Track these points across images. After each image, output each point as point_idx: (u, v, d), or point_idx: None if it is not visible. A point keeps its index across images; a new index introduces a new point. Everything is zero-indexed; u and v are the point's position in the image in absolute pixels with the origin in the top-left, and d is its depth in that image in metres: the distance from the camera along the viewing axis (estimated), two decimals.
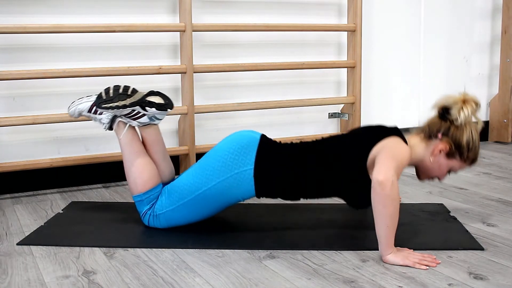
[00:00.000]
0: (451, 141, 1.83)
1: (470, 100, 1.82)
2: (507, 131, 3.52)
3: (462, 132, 1.83)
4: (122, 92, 1.92)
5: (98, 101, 1.93)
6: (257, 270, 1.62)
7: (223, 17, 2.82)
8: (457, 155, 1.85)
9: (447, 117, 1.84)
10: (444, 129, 1.84)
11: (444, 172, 1.89)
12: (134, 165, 1.93)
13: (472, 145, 1.84)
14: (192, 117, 2.66)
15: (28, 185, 2.51)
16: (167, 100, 1.97)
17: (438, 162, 1.86)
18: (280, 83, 3.03)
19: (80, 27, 2.43)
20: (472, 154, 1.86)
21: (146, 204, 1.92)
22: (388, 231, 1.65)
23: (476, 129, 1.86)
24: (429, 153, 1.85)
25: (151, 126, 1.99)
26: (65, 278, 1.58)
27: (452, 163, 1.87)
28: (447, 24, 3.45)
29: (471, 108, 1.81)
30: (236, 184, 1.84)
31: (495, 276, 1.56)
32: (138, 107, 1.92)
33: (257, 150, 1.86)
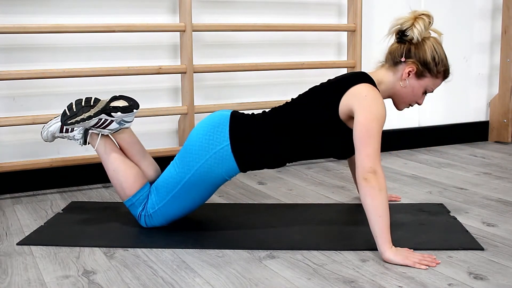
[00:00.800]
0: (416, 60, 1.84)
1: (421, 15, 1.84)
2: (507, 131, 3.52)
3: (423, 48, 1.84)
4: (84, 104, 1.93)
5: (63, 118, 1.93)
6: (257, 270, 1.62)
7: (223, 17, 2.82)
8: (427, 72, 1.86)
9: (404, 39, 1.85)
10: (405, 51, 1.85)
11: (420, 94, 1.91)
12: (117, 171, 1.94)
13: (438, 58, 1.86)
14: (192, 117, 2.66)
15: (28, 185, 2.51)
16: (131, 101, 1.97)
17: (411, 85, 1.87)
18: (280, 83, 3.03)
19: (80, 27, 2.43)
20: (441, 66, 1.88)
21: (138, 206, 1.92)
22: (381, 223, 1.65)
23: (437, 41, 1.87)
24: (398, 79, 1.87)
25: (123, 131, 1.99)
26: (65, 278, 1.58)
27: (424, 82, 1.88)
28: (447, 24, 3.45)
29: (423, 22, 1.83)
30: (218, 163, 1.84)
31: (495, 276, 1.56)
32: (104, 115, 1.92)
33: (229, 125, 1.86)
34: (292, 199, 2.35)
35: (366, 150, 1.69)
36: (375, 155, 1.69)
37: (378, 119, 1.73)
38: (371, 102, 1.76)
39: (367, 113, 1.74)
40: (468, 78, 3.58)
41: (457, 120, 3.56)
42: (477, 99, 3.64)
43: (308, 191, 2.46)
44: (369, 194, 1.65)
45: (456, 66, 3.50)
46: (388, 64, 1.91)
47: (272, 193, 2.43)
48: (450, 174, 2.74)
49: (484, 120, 3.64)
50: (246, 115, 1.94)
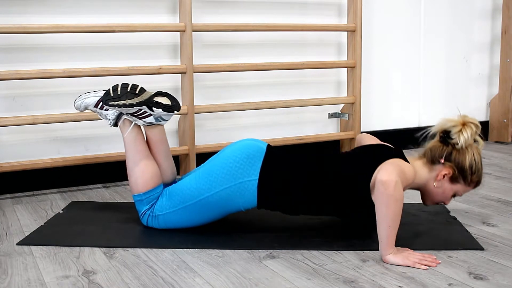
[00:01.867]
0: (454, 165, 1.81)
1: (469, 123, 1.80)
2: (507, 131, 3.52)
3: (464, 155, 1.81)
4: (130, 90, 1.92)
5: (105, 98, 1.92)
6: (257, 270, 1.62)
7: (223, 17, 2.82)
8: (461, 179, 1.83)
9: (448, 141, 1.82)
10: (446, 154, 1.82)
11: (449, 197, 1.87)
12: (137, 164, 1.93)
13: (475, 168, 1.82)
14: (192, 117, 2.66)
15: (28, 185, 2.51)
16: (174, 101, 1.97)
17: (443, 187, 1.84)
18: (280, 83, 3.03)
19: (80, 27, 2.43)
20: (476, 177, 1.84)
21: (145, 204, 1.92)
22: (389, 232, 1.65)
23: (478, 151, 1.84)
24: (432, 178, 1.84)
25: (156, 126, 1.99)
26: (65, 278, 1.58)
27: (456, 187, 1.84)
28: (447, 24, 3.45)
29: (471, 130, 1.79)
30: (239, 194, 1.84)
31: (495, 276, 1.56)
32: (145, 107, 1.92)
33: (262, 161, 1.85)
34: None
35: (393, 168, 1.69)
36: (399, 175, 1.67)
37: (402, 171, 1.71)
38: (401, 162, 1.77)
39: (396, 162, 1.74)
40: (468, 78, 3.58)
41: None
42: (477, 99, 3.64)
43: None
44: (385, 201, 1.64)
45: (456, 66, 3.53)
46: (426, 159, 1.87)
47: None
48: None
49: (484, 120, 3.64)
50: (282, 154, 1.91)
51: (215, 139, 2.86)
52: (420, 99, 3.46)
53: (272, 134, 3.01)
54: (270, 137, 2.92)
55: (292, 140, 2.95)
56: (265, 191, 1.83)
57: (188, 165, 2.68)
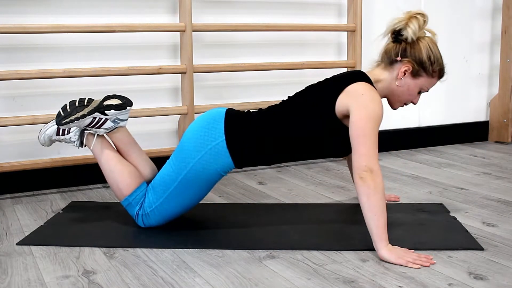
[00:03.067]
0: (412, 59, 1.85)
1: (415, 15, 1.86)
2: (507, 131, 3.52)
3: (419, 47, 1.86)
4: (78, 104, 1.93)
5: (57, 119, 1.93)
6: (257, 270, 1.62)
7: (223, 17, 2.82)
8: (422, 72, 1.87)
9: (400, 39, 1.87)
10: (401, 51, 1.86)
11: (415, 93, 1.91)
12: (112, 171, 1.94)
13: (434, 57, 1.86)
14: (192, 117, 2.66)
15: (28, 185, 2.51)
16: (124, 99, 1.98)
17: (406, 84, 1.88)
18: (280, 83, 3.03)
19: (80, 27, 2.43)
20: (437, 66, 1.88)
21: (135, 205, 1.92)
22: (376, 221, 1.65)
23: (433, 41, 1.88)
24: (394, 79, 1.88)
25: (119, 130, 2.00)
26: (65, 278, 1.58)
27: (420, 81, 1.89)
28: (447, 24, 3.45)
29: (418, 21, 1.85)
30: (213, 159, 1.84)
31: (495, 276, 1.56)
32: (97, 113, 1.92)
33: (224, 121, 1.87)
34: (292, 199, 2.35)
35: (362, 149, 1.70)
36: (371, 154, 1.69)
37: (374, 118, 1.73)
38: (368, 101, 1.77)
39: (363, 112, 1.74)
40: (468, 78, 3.58)
41: (457, 120, 3.56)
42: (477, 99, 3.64)
43: (308, 191, 2.46)
44: (365, 193, 1.66)
45: (456, 66, 3.53)
46: (384, 64, 1.92)
47: (272, 193, 2.43)
48: (450, 174, 2.74)
49: (484, 120, 3.64)
50: (241, 112, 1.95)
51: None
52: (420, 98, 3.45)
53: None
54: None
55: None
56: (236, 149, 1.85)
57: None
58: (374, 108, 1.75)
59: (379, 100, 1.79)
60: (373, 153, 1.69)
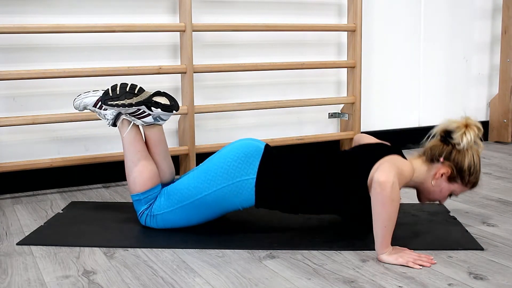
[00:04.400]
0: (453, 165, 1.82)
1: (472, 125, 1.82)
2: (507, 131, 3.52)
3: (464, 156, 1.82)
4: (129, 90, 1.92)
5: (104, 97, 1.93)
6: (257, 270, 1.62)
7: (223, 17, 2.82)
8: (459, 179, 1.84)
9: (449, 141, 1.83)
10: (446, 153, 1.83)
11: (445, 196, 1.88)
12: (135, 164, 1.94)
13: (474, 169, 1.83)
14: (192, 117, 2.66)
15: (28, 185, 2.51)
16: (173, 101, 1.97)
17: (440, 186, 1.85)
18: (280, 83, 3.03)
19: (80, 27, 2.43)
20: (473, 178, 1.85)
21: (144, 204, 1.92)
22: (385, 231, 1.65)
23: (478, 153, 1.85)
24: (430, 176, 1.84)
25: (155, 126, 1.99)
26: (65, 278, 1.58)
27: (453, 187, 1.86)
28: (447, 24, 3.45)
29: (474, 133, 1.81)
30: (237, 192, 1.84)
31: (495, 276, 1.56)
32: (144, 107, 1.92)
33: (260, 160, 1.85)
34: None
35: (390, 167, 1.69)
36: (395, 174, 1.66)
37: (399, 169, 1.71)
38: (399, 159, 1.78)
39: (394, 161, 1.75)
40: (468, 78, 3.58)
41: None
42: (477, 99, 3.64)
43: None
44: (381, 201, 1.64)
45: (456, 66, 3.53)
46: (425, 158, 1.88)
47: None
48: None
49: (484, 120, 3.64)
50: (279, 154, 1.91)
51: (215, 139, 2.86)
52: (420, 99, 3.46)
53: (272, 134, 3.00)
54: (270, 137, 2.92)
55: (292, 140, 2.95)
56: (262, 190, 1.83)
57: (188, 165, 2.68)
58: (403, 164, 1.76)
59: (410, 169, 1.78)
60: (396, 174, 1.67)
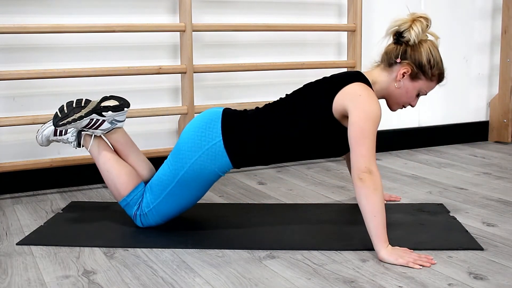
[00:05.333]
0: (411, 62, 1.85)
1: (418, 17, 1.85)
2: (507, 131, 3.52)
3: (419, 50, 1.85)
4: (75, 105, 1.94)
5: (55, 120, 1.93)
6: (257, 270, 1.62)
7: (223, 17, 2.82)
8: (421, 75, 1.86)
9: (401, 40, 1.86)
10: (401, 53, 1.85)
11: (413, 96, 1.91)
12: (110, 172, 1.94)
13: (434, 61, 1.85)
14: (192, 117, 2.66)
15: (28, 185, 2.51)
16: (122, 100, 1.98)
17: (405, 87, 1.87)
18: (280, 83, 3.03)
19: (80, 27, 2.43)
20: (436, 70, 1.87)
21: (133, 205, 1.92)
22: (376, 221, 1.65)
23: (434, 45, 1.87)
24: (393, 80, 1.87)
25: (116, 131, 2.00)
26: (65, 278, 1.58)
27: (418, 84, 1.88)
28: (447, 24, 3.45)
29: (421, 24, 1.83)
30: (211, 160, 1.84)
31: (495, 276, 1.56)
32: (95, 115, 1.93)
33: (221, 121, 1.86)
34: (292, 199, 2.35)
35: (361, 150, 1.70)
36: (370, 155, 1.69)
37: (373, 118, 1.73)
38: (366, 101, 1.77)
39: (362, 113, 1.74)
40: (468, 78, 3.58)
41: (457, 120, 3.56)
42: (477, 99, 3.64)
43: (308, 191, 2.46)
44: (364, 194, 1.66)
45: (456, 66, 3.53)
46: (383, 65, 1.91)
47: (272, 193, 2.43)
48: (450, 174, 2.74)
49: (484, 120, 3.64)
50: (238, 111, 1.94)
51: None
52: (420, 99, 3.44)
53: None
54: None
55: None
56: (233, 149, 1.84)
57: None
58: (372, 109, 1.75)
59: (376, 101, 1.79)
60: (371, 154, 1.69)
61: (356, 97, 1.78)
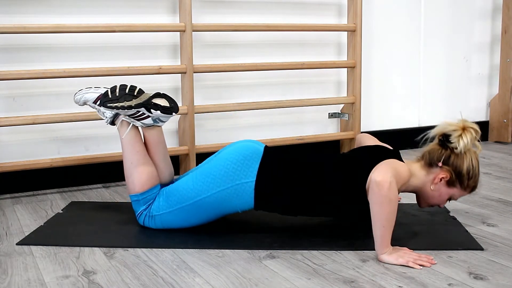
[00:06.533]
0: (452, 169, 1.81)
1: (469, 128, 1.81)
2: (507, 131, 3.52)
3: (462, 160, 1.81)
4: (128, 92, 1.92)
5: (103, 99, 1.93)
6: (257, 270, 1.62)
7: (223, 17, 2.82)
8: (458, 184, 1.83)
9: (447, 145, 1.82)
10: (444, 157, 1.82)
11: (445, 200, 1.87)
12: (134, 165, 1.94)
13: (472, 173, 1.82)
14: (192, 117, 2.66)
15: (28, 185, 2.51)
16: (173, 103, 1.97)
17: (439, 190, 1.84)
18: (280, 83, 3.03)
19: (80, 27, 2.43)
20: (472, 182, 1.84)
21: (142, 204, 1.92)
22: (383, 231, 1.65)
23: (476, 156, 1.84)
24: (429, 181, 1.83)
25: (154, 128, 1.99)
26: (65, 278, 1.58)
27: (453, 191, 1.85)
28: (447, 24, 3.45)
29: (471, 135, 1.80)
30: (236, 195, 1.84)
31: (495, 276, 1.56)
32: (143, 109, 1.92)
33: (260, 163, 1.85)
34: None
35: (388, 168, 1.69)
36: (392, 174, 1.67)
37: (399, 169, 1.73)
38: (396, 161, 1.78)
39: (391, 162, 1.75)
40: (468, 78, 3.58)
41: None
42: (477, 99, 3.64)
43: None
44: (379, 201, 1.64)
45: (456, 66, 3.53)
46: (423, 162, 1.87)
47: None
48: None
49: (484, 120, 3.64)
50: (279, 155, 1.91)
51: (215, 139, 2.86)
52: (420, 99, 3.46)
53: (272, 134, 3.00)
54: (270, 137, 2.92)
55: (292, 140, 2.95)
56: (262, 193, 1.83)
57: (188, 165, 2.68)
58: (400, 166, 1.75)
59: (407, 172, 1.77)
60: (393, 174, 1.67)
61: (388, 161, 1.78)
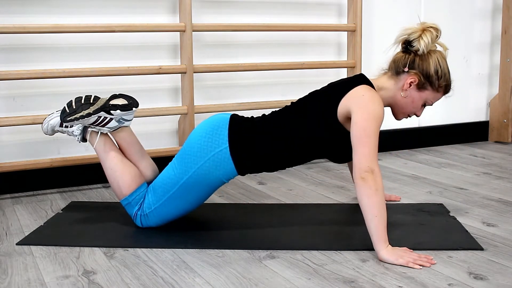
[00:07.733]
0: (419, 72, 1.84)
1: (429, 27, 1.83)
2: (507, 131, 3.52)
3: (428, 61, 1.84)
4: (84, 102, 1.93)
5: (62, 115, 1.93)
6: (257, 270, 1.62)
7: (223, 17, 2.82)
8: (428, 85, 1.85)
9: (410, 49, 1.85)
10: (409, 62, 1.84)
11: (419, 106, 1.90)
12: (114, 170, 1.94)
13: (441, 72, 1.85)
14: (192, 117, 2.66)
15: (28, 185, 2.51)
16: (131, 99, 1.98)
17: (411, 96, 1.87)
18: (280, 83, 3.03)
19: (80, 27, 2.43)
20: (443, 81, 1.86)
21: (134, 205, 1.92)
22: (377, 222, 1.65)
23: (443, 55, 1.87)
24: (399, 89, 1.86)
25: (123, 129, 1.99)
26: (65, 278, 1.58)
27: (425, 94, 1.87)
28: (447, 24, 3.44)
29: (431, 34, 1.82)
30: (216, 166, 1.84)
31: (495, 276, 1.56)
32: (103, 113, 1.92)
33: (228, 128, 1.86)
34: (292, 199, 2.35)
35: (363, 150, 1.70)
36: (373, 155, 1.69)
37: (376, 118, 1.73)
38: (369, 101, 1.77)
39: (364, 113, 1.74)
40: (468, 78, 3.58)
41: (457, 120, 3.56)
42: (477, 99, 3.64)
43: (308, 191, 2.46)
44: (366, 193, 1.66)
45: (456, 66, 3.52)
46: (390, 73, 1.90)
47: (272, 193, 2.43)
48: (450, 174, 2.74)
49: (484, 120, 3.64)
50: (245, 118, 1.94)
51: None
52: None
53: None
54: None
55: None
56: (239, 156, 1.84)
57: None
58: (374, 108, 1.75)
59: (380, 101, 1.79)
60: (374, 154, 1.70)
61: (359, 97, 1.78)
